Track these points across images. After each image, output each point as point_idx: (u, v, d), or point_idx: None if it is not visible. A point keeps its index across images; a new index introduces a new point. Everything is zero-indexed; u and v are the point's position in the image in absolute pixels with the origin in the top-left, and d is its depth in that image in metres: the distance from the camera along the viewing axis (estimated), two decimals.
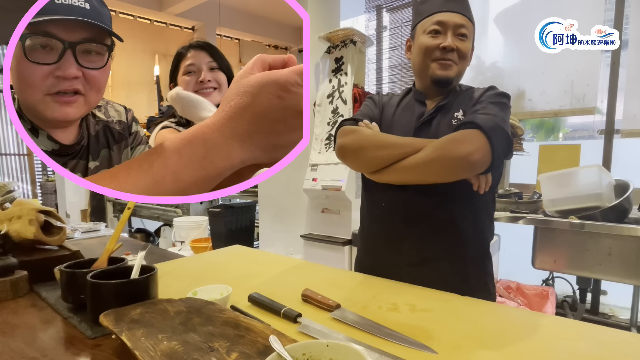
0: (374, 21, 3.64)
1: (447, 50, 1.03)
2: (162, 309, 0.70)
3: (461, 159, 0.91)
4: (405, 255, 1.07)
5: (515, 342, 0.69)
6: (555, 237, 2.03)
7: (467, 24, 1.05)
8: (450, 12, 1.04)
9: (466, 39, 1.05)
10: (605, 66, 2.40)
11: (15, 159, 5.99)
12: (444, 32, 1.04)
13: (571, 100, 2.52)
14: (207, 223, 3.40)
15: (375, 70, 3.67)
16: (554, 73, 2.55)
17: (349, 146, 1.06)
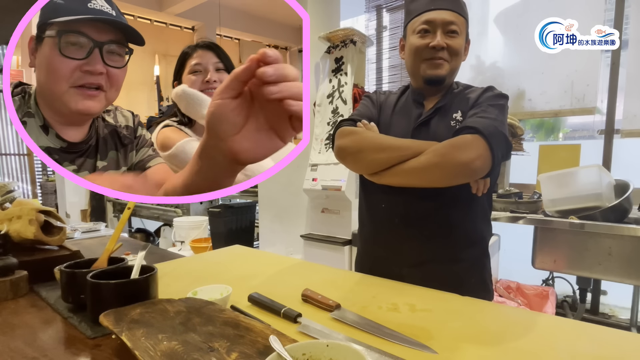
0: (374, 21, 3.64)
1: (437, 49, 1.02)
2: (162, 309, 0.70)
3: (462, 165, 0.91)
4: (405, 256, 1.07)
5: (515, 342, 0.69)
6: (555, 237, 2.03)
7: (457, 20, 1.03)
8: (438, 9, 1.03)
9: (457, 36, 1.04)
10: (605, 66, 2.40)
11: (15, 159, 5.99)
12: (433, 30, 1.03)
13: (571, 100, 2.52)
14: (207, 223, 3.40)
15: (375, 70, 3.67)
16: (554, 73, 2.55)
17: (348, 148, 1.06)
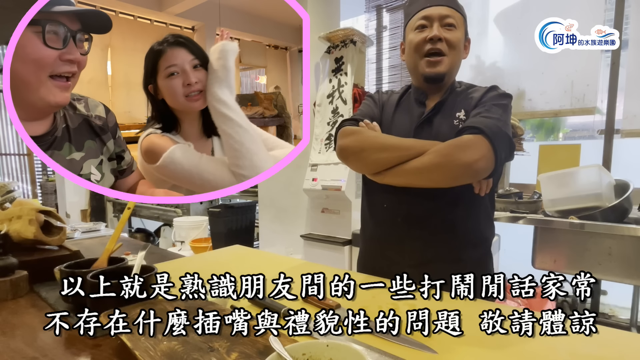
0: (374, 21, 3.64)
1: (435, 41, 1.03)
2: (162, 309, 0.70)
3: (466, 166, 0.91)
4: (408, 256, 1.07)
5: (515, 342, 0.69)
6: (555, 237, 2.03)
7: (453, 14, 1.04)
8: (434, 5, 1.04)
9: (454, 29, 1.04)
10: (605, 66, 2.40)
11: (15, 159, 5.99)
12: (430, 24, 1.04)
13: (571, 100, 2.52)
14: (207, 223, 3.40)
15: (375, 70, 3.66)
16: (554, 73, 2.55)
17: (350, 148, 1.05)
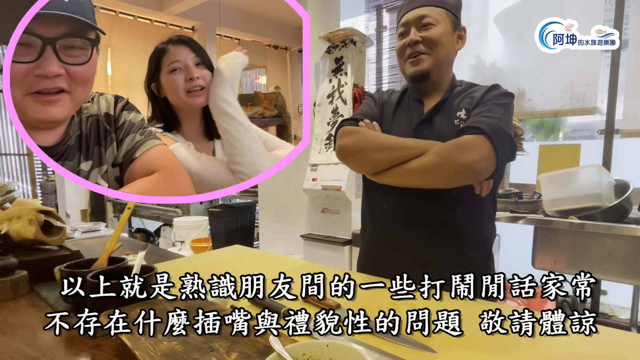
0: (374, 21, 3.64)
1: (412, 45, 1.04)
2: (162, 309, 0.70)
3: (466, 167, 0.91)
4: (408, 257, 1.06)
5: (515, 342, 0.69)
6: (555, 237, 2.03)
7: (430, 12, 1.04)
8: (412, 9, 1.05)
9: (432, 27, 1.04)
10: (605, 66, 2.40)
11: (15, 159, 5.99)
12: (408, 30, 1.06)
13: (571, 100, 2.52)
14: (207, 223, 3.40)
15: (375, 70, 3.66)
16: (554, 73, 2.55)
17: (349, 147, 1.05)
